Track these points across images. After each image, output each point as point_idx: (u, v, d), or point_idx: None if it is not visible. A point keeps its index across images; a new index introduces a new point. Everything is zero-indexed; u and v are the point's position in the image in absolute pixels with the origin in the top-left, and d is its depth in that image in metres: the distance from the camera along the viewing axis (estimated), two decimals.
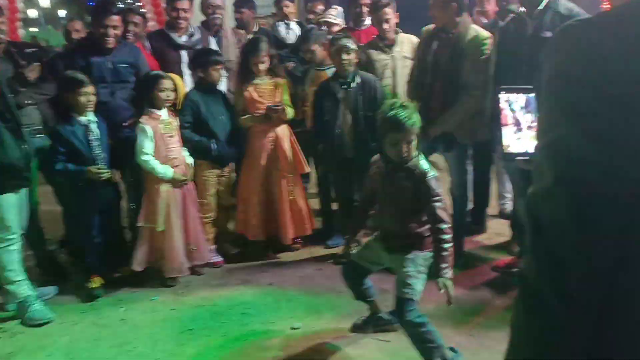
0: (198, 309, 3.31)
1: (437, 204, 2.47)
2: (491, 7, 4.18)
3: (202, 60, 3.86)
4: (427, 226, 2.56)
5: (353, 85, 3.55)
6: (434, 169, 2.58)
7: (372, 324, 2.94)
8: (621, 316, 0.80)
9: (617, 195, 0.74)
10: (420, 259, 2.58)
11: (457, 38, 3.41)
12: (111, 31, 3.69)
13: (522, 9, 3.21)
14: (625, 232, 0.75)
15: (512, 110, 1.14)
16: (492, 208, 4.35)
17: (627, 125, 0.73)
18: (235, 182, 4.15)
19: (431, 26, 3.59)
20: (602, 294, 0.78)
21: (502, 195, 4.39)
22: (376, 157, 2.73)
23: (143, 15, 4.35)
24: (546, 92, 0.84)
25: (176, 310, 3.32)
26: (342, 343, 2.89)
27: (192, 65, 4.02)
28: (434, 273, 2.45)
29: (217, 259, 3.93)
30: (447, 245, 2.44)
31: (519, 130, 1.13)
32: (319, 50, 3.91)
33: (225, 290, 3.55)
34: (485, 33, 3.49)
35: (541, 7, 3.09)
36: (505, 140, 1.12)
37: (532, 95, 1.15)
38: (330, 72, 3.80)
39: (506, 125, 1.13)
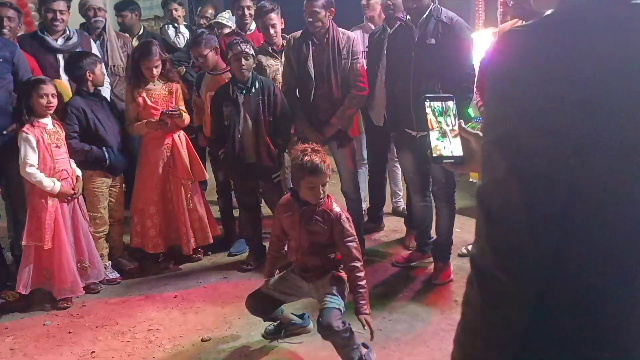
0: (98, 330, 3.12)
1: (352, 244, 2.64)
2: (376, 13, 4.37)
3: (87, 61, 3.63)
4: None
5: (253, 90, 3.54)
6: (345, 210, 2.78)
7: (284, 329, 2.97)
8: (562, 291, 0.91)
9: (560, 183, 0.84)
10: (338, 278, 2.72)
11: (332, 42, 3.59)
12: None
13: (408, 17, 3.40)
14: (565, 216, 0.85)
15: (436, 116, 1.22)
16: (386, 206, 4.54)
17: (571, 120, 0.82)
18: (125, 193, 3.96)
19: (298, 33, 3.72)
20: (547, 272, 0.88)
21: (396, 192, 4.61)
22: (285, 199, 2.83)
23: (18, 9, 3.99)
24: (492, 93, 0.92)
25: (73, 334, 3.09)
26: (255, 352, 2.88)
27: (77, 70, 3.75)
28: (354, 311, 2.58)
29: (114, 275, 3.71)
30: (363, 282, 2.62)
31: (443, 135, 1.21)
32: (210, 55, 3.84)
33: (126, 307, 3.38)
34: (352, 34, 3.78)
35: (425, 16, 3.30)
36: (433, 144, 1.20)
37: (451, 102, 1.24)
38: (226, 76, 3.75)
39: (432, 129, 1.21)
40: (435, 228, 3.59)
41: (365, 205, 4.30)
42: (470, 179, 4.82)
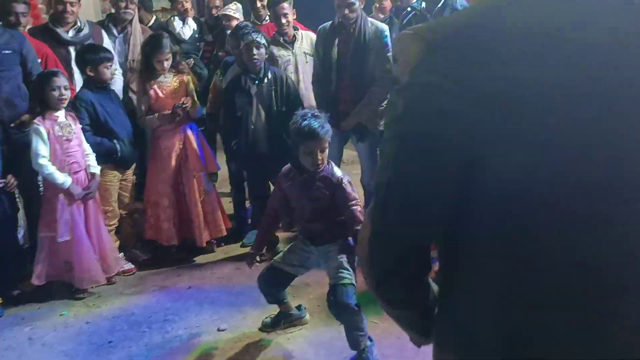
0: (115, 320, 3.14)
1: (355, 207, 2.60)
2: (387, 3, 4.36)
3: (91, 57, 3.64)
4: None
5: (265, 80, 3.53)
6: (347, 174, 2.73)
7: (282, 321, 2.97)
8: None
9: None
10: (348, 246, 2.68)
11: (359, 32, 3.54)
12: None
13: (423, 5, 3.39)
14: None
15: None
16: None
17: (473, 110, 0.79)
18: (136, 185, 3.98)
19: (328, 24, 3.70)
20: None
21: None
22: (287, 168, 2.80)
23: (27, 3, 3.99)
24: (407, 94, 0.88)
25: (91, 324, 3.12)
26: (272, 342, 2.89)
27: (80, 63, 3.76)
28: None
29: (128, 266, 3.74)
30: None
31: None
32: None
33: (141, 298, 3.40)
34: (383, 25, 3.68)
35: (440, 5, 3.28)
36: None
37: None
38: None
39: None
40: None
41: None
42: None
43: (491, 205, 0.82)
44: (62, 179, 3.29)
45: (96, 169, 3.49)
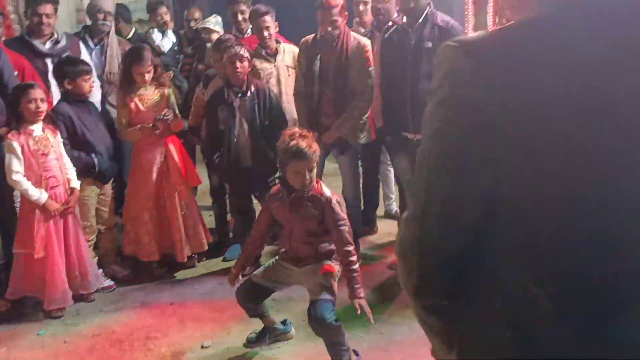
0: (95, 339, 3.07)
1: (344, 228, 2.63)
2: (368, 17, 4.39)
3: (69, 70, 3.58)
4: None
5: (248, 93, 3.52)
6: (336, 193, 2.76)
7: (267, 336, 2.95)
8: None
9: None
10: (330, 272, 2.70)
11: (341, 47, 3.57)
12: None
13: (404, 20, 3.43)
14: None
15: None
16: (379, 209, 4.55)
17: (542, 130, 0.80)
18: (115, 199, 3.91)
19: (310, 37, 3.72)
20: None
21: (388, 196, 4.63)
22: (275, 189, 2.83)
23: (2, 13, 3.92)
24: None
25: (69, 343, 3.04)
26: (257, 357, 2.87)
27: (58, 75, 3.70)
28: (348, 296, 2.59)
29: (108, 282, 3.66)
30: (356, 267, 2.62)
31: None
32: None
33: (122, 315, 3.33)
34: (365, 40, 3.73)
35: (421, 20, 3.33)
36: None
37: None
38: None
39: None
40: None
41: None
42: None
43: (513, 221, 0.84)
44: (37, 194, 3.21)
45: (76, 183, 3.42)
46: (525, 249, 0.84)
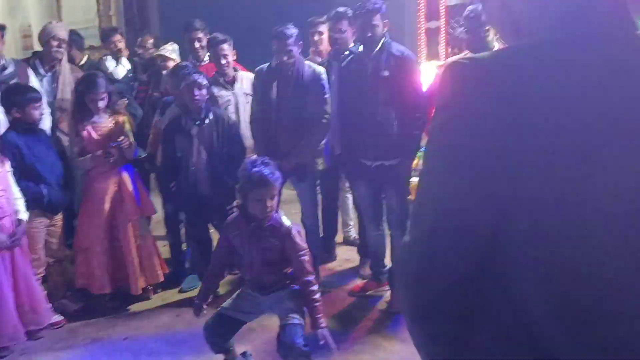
0: None
1: (304, 258, 2.65)
2: (324, 47, 4.45)
3: (18, 98, 3.46)
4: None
5: (206, 121, 3.49)
6: (295, 223, 2.78)
7: None
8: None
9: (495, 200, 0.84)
10: (296, 291, 2.70)
11: (296, 75, 3.60)
12: None
13: (360, 49, 3.50)
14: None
15: None
16: (337, 235, 4.55)
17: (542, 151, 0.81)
18: (65, 230, 3.76)
19: (265, 65, 3.74)
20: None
21: (346, 222, 4.63)
22: (232, 217, 2.81)
23: None
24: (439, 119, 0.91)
25: None
26: None
27: (5, 104, 3.58)
28: (309, 326, 2.58)
29: (57, 318, 3.48)
30: (317, 296, 2.63)
31: None
32: None
33: (72, 352, 3.19)
34: (320, 68, 3.77)
35: (377, 49, 3.40)
36: None
37: None
38: None
39: None
40: (391, 256, 3.63)
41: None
42: None
43: (525, 241, 0.83)
44: None
45: (25, 215, 3.27)
46: (541, 265, 0.82)
